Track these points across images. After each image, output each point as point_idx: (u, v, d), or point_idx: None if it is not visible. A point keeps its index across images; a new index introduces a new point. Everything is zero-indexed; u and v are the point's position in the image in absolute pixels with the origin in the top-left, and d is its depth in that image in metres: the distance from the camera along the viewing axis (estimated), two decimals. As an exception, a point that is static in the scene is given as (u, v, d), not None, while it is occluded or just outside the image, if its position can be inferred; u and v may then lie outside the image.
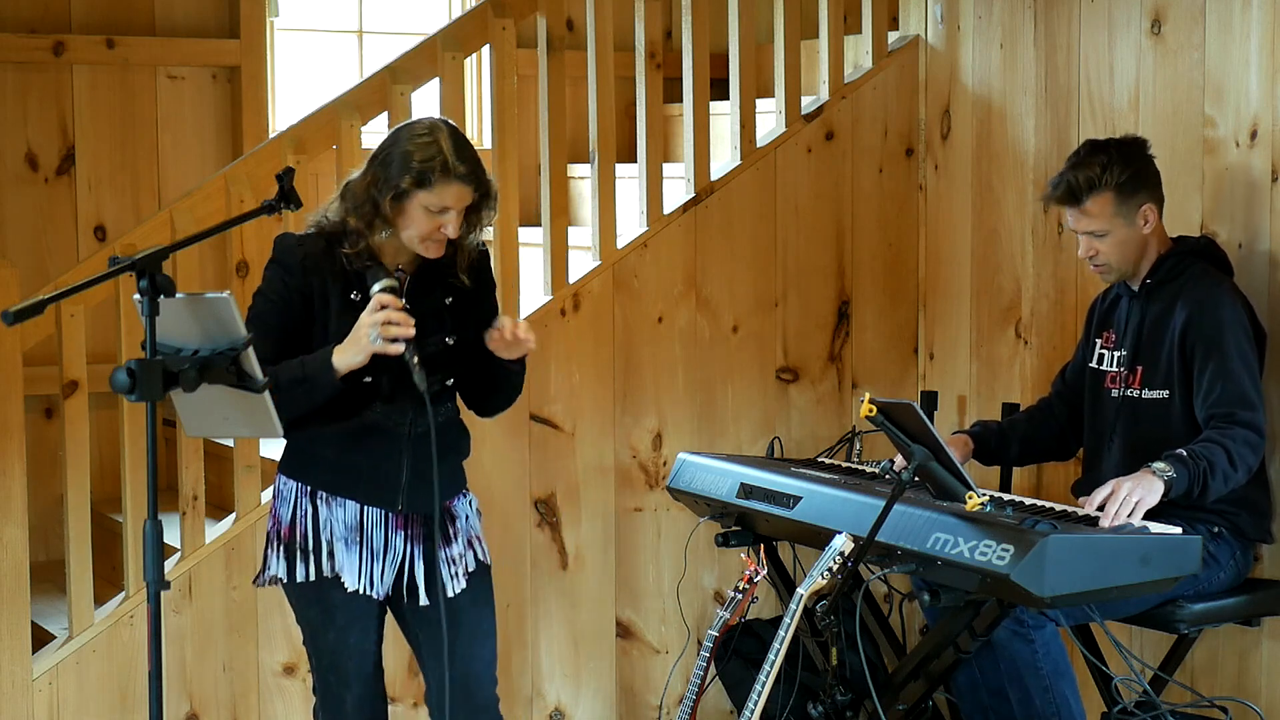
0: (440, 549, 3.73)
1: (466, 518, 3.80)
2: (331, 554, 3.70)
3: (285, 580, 3.74)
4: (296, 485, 3.74)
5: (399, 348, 3.49)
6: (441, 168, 3.55)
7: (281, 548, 3.73)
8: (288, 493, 3.75)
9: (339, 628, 3.74)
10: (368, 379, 3.61)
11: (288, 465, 3.77)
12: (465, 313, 3.74)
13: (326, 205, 3.71)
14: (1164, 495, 3.73)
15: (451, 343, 3.71)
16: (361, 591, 3.70)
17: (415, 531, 3.73)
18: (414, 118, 3.79)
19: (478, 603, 3.79)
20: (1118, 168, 4.03)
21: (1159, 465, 3.77)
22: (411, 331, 3.49)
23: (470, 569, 3.77)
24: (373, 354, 3.51)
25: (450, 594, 3.73)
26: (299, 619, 3.81)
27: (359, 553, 3.70)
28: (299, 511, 3.72)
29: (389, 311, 3.49)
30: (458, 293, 3.73)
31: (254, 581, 3.85)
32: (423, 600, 3.72)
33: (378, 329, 3.48)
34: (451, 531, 3.77)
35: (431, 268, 3.70)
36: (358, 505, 3.71)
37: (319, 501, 3.71)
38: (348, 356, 3.52)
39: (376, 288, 3.54)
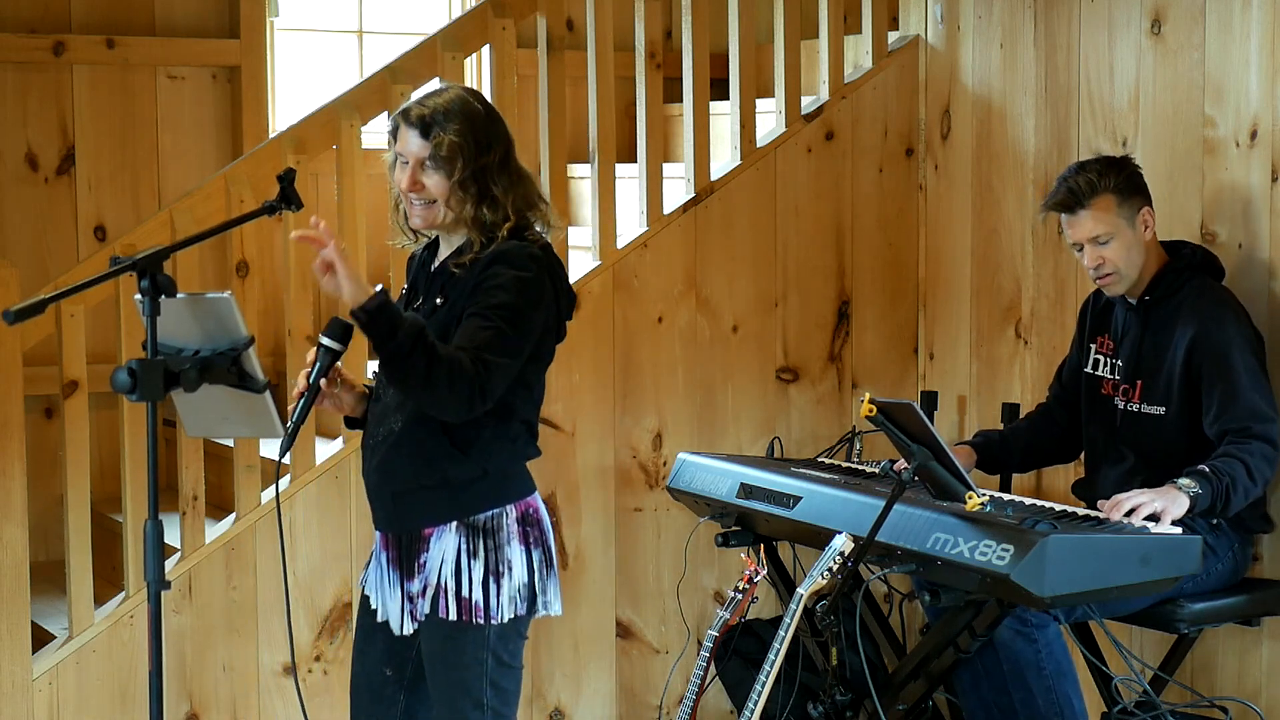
0: (403, 580, 3.39)
1: (443, 557, 3.34)
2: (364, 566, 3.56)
3: None
4: None
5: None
6: (400, 112, 3.35)
7: None
8: None
9: (357, 648, 3.55)
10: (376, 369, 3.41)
11: None
12: (455, 318, 3.31)
13: None
14: (1188, 510, 3.75)
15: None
16: (380, 616, 3.45)
17: (393, 554, 3.43)
18: None
19: (433, 662, 3.40)
20: (1113, 173, 4.07)
21: (1184, 481, 3.78)
22: (299, 388, 3.31)
23: (423, 616, 3.38)
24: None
25: (398, 632, 3.42)
26: None
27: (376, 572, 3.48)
28: None
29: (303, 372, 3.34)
30: (455, 297, 3.33)
31: None
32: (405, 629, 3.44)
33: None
34: (417, 564, 3.37)
35: (443, 269, 3.38)
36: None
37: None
38: None
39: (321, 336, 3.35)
